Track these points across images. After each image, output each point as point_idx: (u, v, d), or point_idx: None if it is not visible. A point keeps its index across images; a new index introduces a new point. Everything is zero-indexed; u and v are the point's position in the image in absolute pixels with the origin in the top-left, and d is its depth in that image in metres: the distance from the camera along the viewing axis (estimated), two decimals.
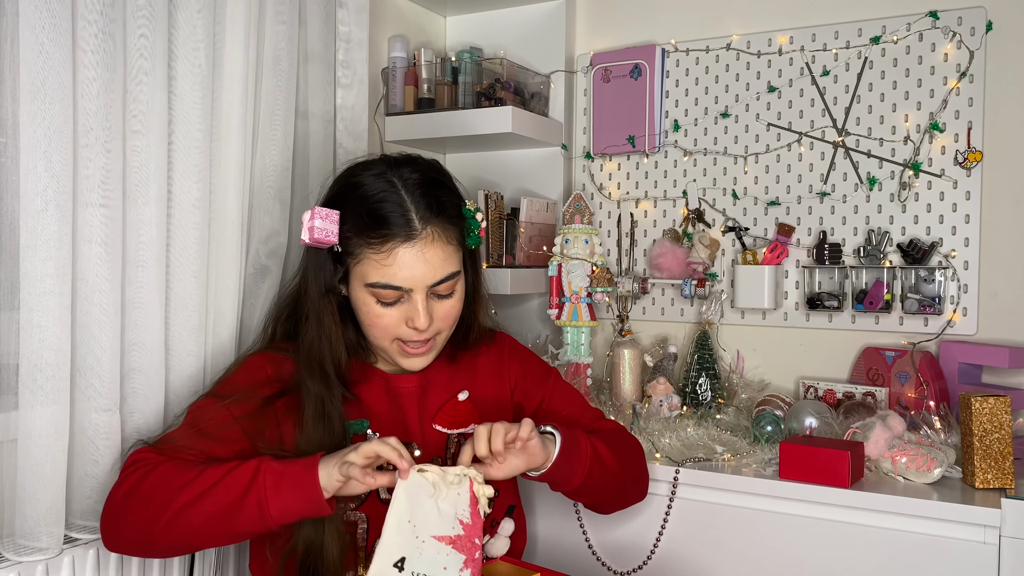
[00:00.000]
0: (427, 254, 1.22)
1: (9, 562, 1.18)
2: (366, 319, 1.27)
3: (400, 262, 1.21)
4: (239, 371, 1.29)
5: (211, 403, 1.25)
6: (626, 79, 2.14)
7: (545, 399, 1.46)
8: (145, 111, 1.32)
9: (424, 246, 1.22)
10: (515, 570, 1.29)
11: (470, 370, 1.41)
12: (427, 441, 1.33)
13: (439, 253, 1.23)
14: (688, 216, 2.08)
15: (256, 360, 1.30)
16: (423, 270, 1.22)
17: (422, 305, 1.24)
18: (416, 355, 1.29)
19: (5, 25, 1.16)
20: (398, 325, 1.25)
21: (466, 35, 2.28)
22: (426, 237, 1.22)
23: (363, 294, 1.25)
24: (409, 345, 1.27)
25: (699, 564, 1.57)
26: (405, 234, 1.21)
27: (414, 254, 1.21)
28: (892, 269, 1.85)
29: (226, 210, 1.47)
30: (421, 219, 1.22)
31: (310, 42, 1.71)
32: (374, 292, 1.23)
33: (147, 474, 1.14)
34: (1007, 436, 1.42)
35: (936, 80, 1.83)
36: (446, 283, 1.25)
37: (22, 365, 1.18)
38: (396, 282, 1.22)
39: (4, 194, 1.19)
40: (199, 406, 1.26)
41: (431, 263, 1.23)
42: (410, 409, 1.34)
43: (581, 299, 1.99)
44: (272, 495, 1.10)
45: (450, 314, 1.29)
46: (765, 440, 1.65)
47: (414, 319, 1.24)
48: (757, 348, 2.02)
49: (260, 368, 1.29)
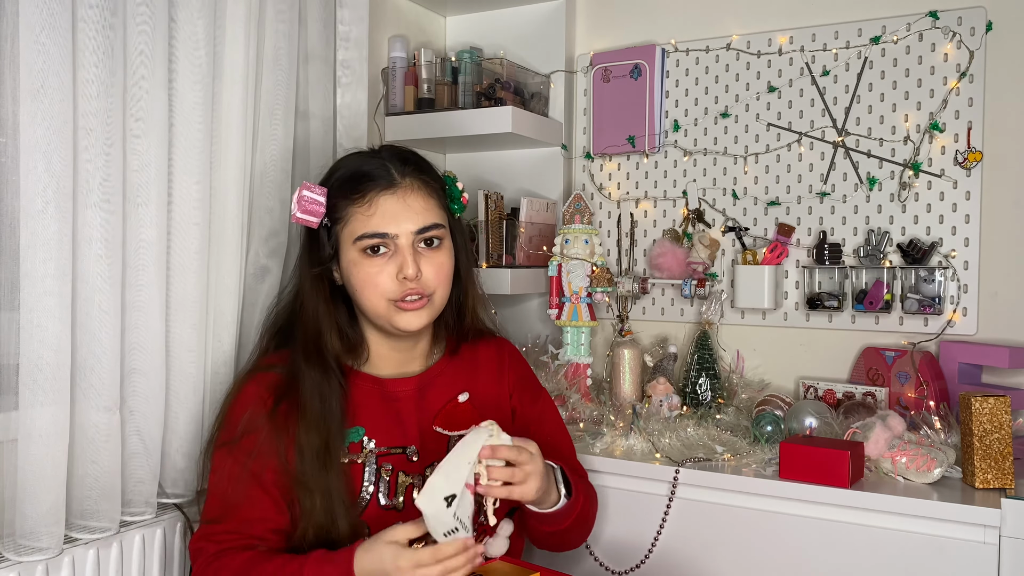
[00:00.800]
0: (408, 200, 1.27)
1: (9, 562, 1.18)
2: (358, 282, 1.28)
3: (382, 209, 1.26)
4: (235, 406, 1.30)
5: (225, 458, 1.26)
6: (626, 79, 2.14)
7: (538, 419, 1.47)
8: (145, 111, 1.32)
9: (404, 193, 1.28)
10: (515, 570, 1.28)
11: (471, 368, 1.42)
12: (426, 444, 1.33)
13: (420, 202, 1.28)
14: (688, 216, 2.08)
15: (247, 388, 1.30)
16: (406, 215, 1.26)
17: (409, 253, 1.26)
18: (411, 310, 1.28)
19: (5, 25, 1.16)
20: (390, 280, 1.26)
21: (466, 35, 2.28)
22: (407, 186, 1.28)
23: (353, 254, 1.27)
24: (404, 301, 1.27)
25: (698, 564, 1.57)
26: (386, 183, 1.27)
27: (395, 200, 1.27)
28: (892, 269, 1.85)
29: (226, 210, 1.47)
30: (399, 172, 1.29)
31: (310, 42, 1.71)
32: (362, 245, 1.26)
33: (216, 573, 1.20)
34: (1007, 436, 1.42)
35: (936, 80, 1.83)
36: (431, 231, 1.28)
37: (22, 365, 1.18)
38: (382, 228, 1.26)
39: (4, 194, 1.19)
40: (216, 464, 1.28)
41: (413, 208, 1.27)
42: (407, 413, 1.34)
43: (581, 299, 1.99)
44: None
45: (440, 271, 1.30)
46: (765, 440, 1.65)
47: (403, 267, 1.26)
48: (757, 348, 2.02)
49: (252, 394, 1.29)
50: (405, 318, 1.28)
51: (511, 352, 1.49)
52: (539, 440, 1.41)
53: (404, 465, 1.30)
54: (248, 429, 1.25)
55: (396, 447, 1.30)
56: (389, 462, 1.29)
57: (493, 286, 1.97)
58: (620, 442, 1.69)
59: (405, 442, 1.31)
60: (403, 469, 1.30)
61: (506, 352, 1.48)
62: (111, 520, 1.29)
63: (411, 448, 1.31)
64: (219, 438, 1.29)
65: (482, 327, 1.45)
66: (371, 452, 1.29)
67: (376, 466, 1.28)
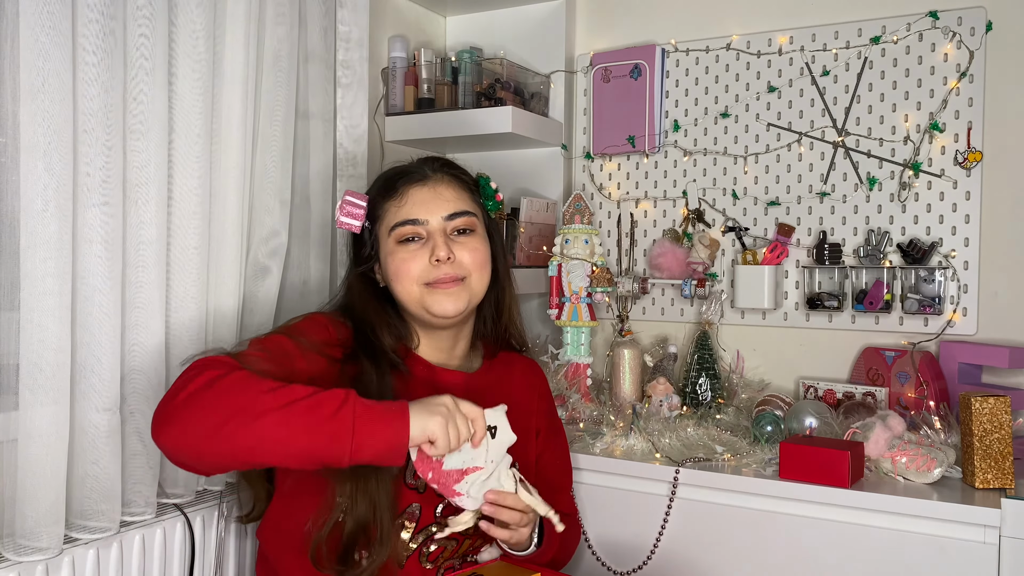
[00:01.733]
0: (439, 189, 1.32)
1: (9, 562, 1.18)
2: (393, 271, 1.30)
3: (413, 199, 1.31)
4: (305, 322, 1.28)
5: (283, 336, 1.22)
6: (626, 79, 2.14)
7: (551, 454, 1.51)
8: (145, 111, 1.32)
9: (435, 184, 1.33)
10: (515, 570, 1.29)
11: (507, 382, 1.44)
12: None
13: (451, 192, 1.33)
14: (688, 216, 2.08)
15: (321, 318, 1.30)
16: (437, 202, 1.31)
17: (441, 237, 1.30)
18: (445, 289, 1.29)
19: (5, 25, 1.16)
20: (423, 265, 1.29)
21: (466, 35, 2.28)
22: (437, 179, 1.34)
23: (389, 245, 1.31)
24: (437, 284, 1.29)
25: (699, 564, 1.57)
26: (418, 177, 1.33)
27: (426, 190, 1.32)
28: (892, 269, 1.85)
29: (226, 210, 1.47)
30: (429, 168, 1.35)
31: (310, 42, 1.71)
32: (396, 234, 1.30)
33: (225, 374, 1.07)
34: (1007, 436, 1.42)
35: (936, 80, 1.83)
36: (461, 218, 1.32)
37: (22, 365, 1.18)
38: (412, 215, 1.30)
39: (4, 194, 1.19)
40: (271, 336, 1.22)
41: (443, 196, 1.32)
42: None
43: (581, 299, 1.99)
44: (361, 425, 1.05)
45: (475, 254, 1.32)
46: (765, 440, 1.65)
47: (435, 250, 1.28)
48: (757, 348, 2.02)
49: (325, 327, 1.28)
50: (439, 300, 1.29)
51: (543, 379, 1.54)
52: (544, 473, 1.47)
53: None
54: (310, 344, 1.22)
55: None
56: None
57: None
58: (620, 442, 1.69)
59: None
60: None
61: (540, 377, 1.53)
62: (111, 520, 1.29)
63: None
64: (278, 329, 1.27)
65: (520, 334, 1.47)
66: None
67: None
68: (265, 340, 1.22)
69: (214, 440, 1.03)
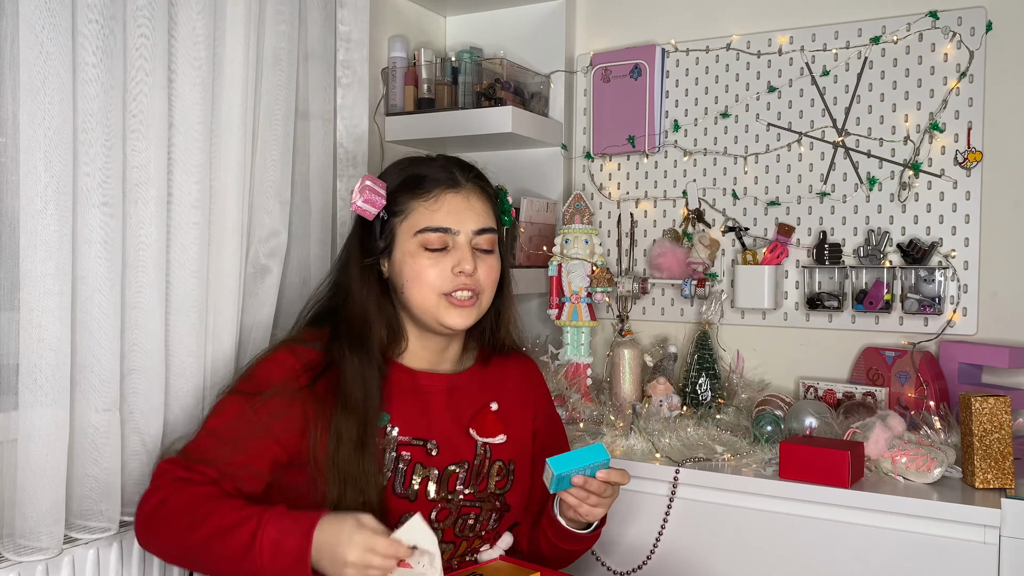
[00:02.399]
0: (471, 200, 1.32)
1: (9, 562, 1.18)
2: (412, 275, 1.29)
3: (448, 205, 1.30)
4: (265, 365, 1.28)
5: (238, 404, 1.24)
6: (626, 79, 2.14)
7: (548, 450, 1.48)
8: (145, 111, 1.32)
9: (468, 194, 1.33)
10: (515, 570, 1.29)
11: (499, 380, 1.43)
12: (452, 443, 1.33)
13: (482, 204, 1.34)
14: (688, 216, 2.08)
15: (282, 355, 1.29)
16: (469, 214, 1.31)
17: (468, 250, 1.30)
18: (462, 307, 1.30)
19: (5, 25, 1.16)
20: (444, 274, 1.29)
21: (466, 35, 2.28)
22: (470, 188, 1.33)
23: (410, 246, 1.30)
24: (455, 298, 1.29)
25: (699, 564, 1.57)
26: (451, 182, 1.32)
27: (460, 199, 1.31)
28: (892, 269, 1.85)
29: (226, 210, 1.47)
30: (463, 176, 1.34)
31: (310, 42, 1.71)
32: (423, 239, 1.29)
33: (171, 495, 1.17)
34: (1007, 436, 1.42)
35: (936, 80, 1.83)
36: (487, 235, 1.33)
37: (22, 365, 1.18)
38: (446, 223, 1.29)
39: (4, 194, 1.19)
40: (226, 407, 1.25)
41: (475, 209, 1.32)
42: (435, 408, 1.34)
43: (581, 299, 1.99)
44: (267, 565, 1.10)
45: (491, 273, 1.33)
46: (765, 440, 1.65)
47: (461, 262, 1.29)
48: (757, 348, 2.02)
49: (286, 363, 1.27)
50: (453, 315, 1.30)
51: (539, 376, 1.53)
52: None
53: (422, 457, 1.30)
54: (271, 396, 1.23)
55: (418, 439, 1.30)
56: (408, 452, 1.29)
57: None
58: (620, 442, 1.69)
59: (428, 436, 1.31)
60: (421, 461, 1.30)
61: (536, 376, 1.51)
62: (111, 520, 1.29)
63: (432, 443, 1.31)
64: (238, 386, 1.28)
65: (513, 344, 1.47)
66: (393, 440, 1.29)
67: (396, 454, 1.28)
68: (220, 415, 1.25)
69: (179, 558, 1.20)
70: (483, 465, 1.34)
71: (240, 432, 1.22)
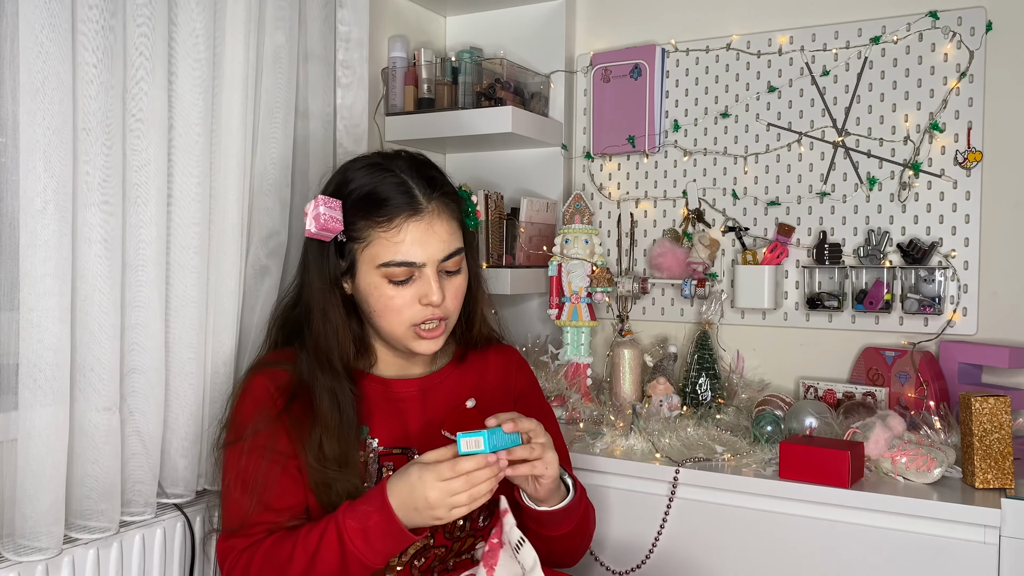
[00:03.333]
0: (435, 227, 1.25)
1: (9, 562, 1.18)
2: (377, 305, 1.26)
3: (411, 237, 1.23)
4: (244, 401, 1.28)
5: (238, 454, 1.24)
6: (626, 79, 2.14)
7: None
8: (145, 111, 1.32)
9: (431, 219, 1.24)
10: None
11: (479, 374, 1.42)
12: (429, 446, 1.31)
13: (446, 227, 1.26)
14: (688, 216, 2.07)
15: (256, 382, 1.29)
16: (434, 243, 1.24)
17: (435, 280, 1.25)
18: (430, 338, 1.28)
19: (5, 25, 1.16)
20: (411, 305, 1.25)
21: (466, 35, 2.28)
22: (432, 211, 1.25)
23: (374, 278, 1.25)
24: (423, 328, 1.27)
25: (698, 564, 1.57)
26: (412, 209, 1.23)
27: (423, 227, 1.24)
28: (892, 269, 1.85)
29: (226, 210, 1.47)
30: (424, 195, 1.25)
31: (310, 42, 1.71)
32: (387, 272, 1.24)
33: (247, 564, 1.19)
34: (1007, 436, 1.42)
35: (936, 80, 1.83)
36: (454, 258, 1.27)
37: (22, 365, 1.18)
38: (410, 258, 1.23)
39: (4, 194, 1.18)
40: (231, 464, 1.25)
41: (440, 236, 1.25)
42: (411, 414, 1.34)
43: (581, 299, 1.99)
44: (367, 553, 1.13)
45: (459, 292, 1.31)
46: (765, 440, 1.65)
47: (428, 295, 1.25)
48: (757, 348, 2.02)
49: (260, 388, 1.28)
50: (423, 344, 1.29)
51: (519, 362, 1.50)
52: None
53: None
54: (259, 427, 1.24)
55: (398, 447, 1.31)
56: (391, 461, 1.29)
57: (493, 286, 1.97)
58: (620, 442, 1.69)
59: (407, 443, 1.31)
60: None
61: (515, 361, 1.49)
62: (111, 520, 1.29)
63: (412, 450, 1.31)
64: (228, 436, 1.28)
65: (490, 334, 1.45)
66: (374, 451, 1.29)
67: (378, 465, 1.29)
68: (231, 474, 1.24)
69: None
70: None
71: (257, 477, 1.22)
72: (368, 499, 1.15)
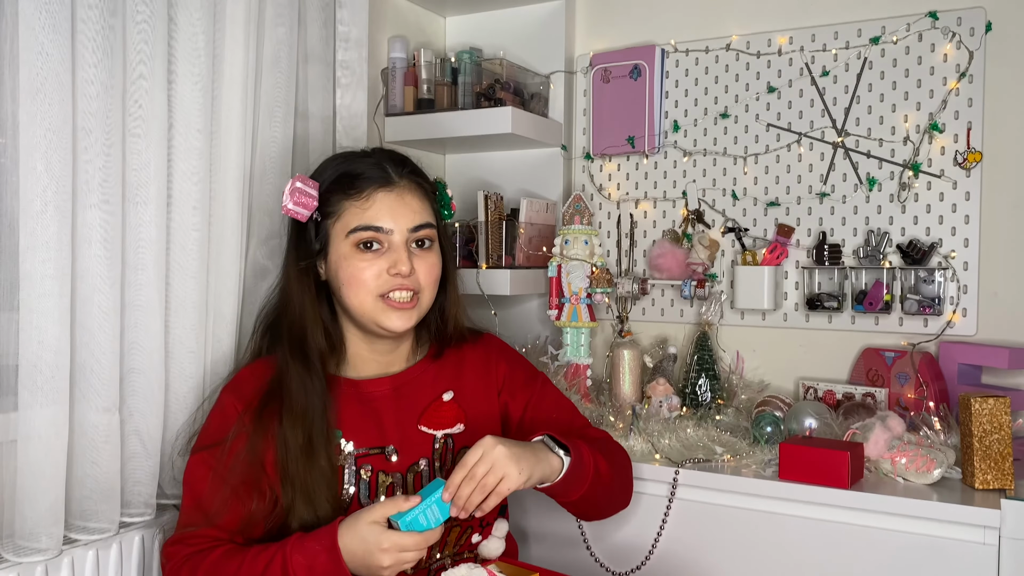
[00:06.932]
0: (405, 198, 1.29)
1: (9, 562, 1.18)
2: (346, 277, 1.27)
3: (380, 204, 1.27)
4: (213, 416, 1.30)
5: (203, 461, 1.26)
6: (626, 79, 2.14)
7: (532, 401, 1.45)
8: (145, 112, 1.32)
9: (402, 191, 1.29)
10: (514, 570, 1.28)
11: (456, 368, 1.41)
12: (406, 443, 1.33)
13: (416, 200, 1.31)
14: (688, 217, 2.07)
15: (223, 400, 1.30)
16: (403, 211, 1.28)
17: (403, 250, 1.27)
18: (400, 310, 1.28)
19: (5, 25, 1.16)
20: (380, 275, 1.27)
21: (466, 35, 2.28)
22: (403, 185, 1.30)
23: (345, 247, 1.27)
24: (393, 299, 1.27)
25: (698, 565, 1.57)
26: (383, 180, 1.29)
27: (393, 197, 1.28)
28: (892, 270, 1.85)
29: (226, 211, 1.47)
30: (396, 172, 1.31)
31: (310, 42, 1.71)
32: (356, 238, 1.27)
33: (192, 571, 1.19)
34: (1007, 437, 1.42)
35: (936, 80, 1.83)
36: (425, 230, 1.30)
37: (22, 366, 1.18)
38: (377, 222, 1.27)
39: (4, 195, 1.19)
40: (195, 470, 1.27)
41: (410, 206, 1.29)
42: (384, 413, 1.33)
43: (581, 300, 1.99)
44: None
45: (431, 271, 1.31)
46: (765, 441, 1.65)
47: (397, 263, 1.26)
48: (757, 349, 2.02)
49: (229, 407, 1.29)
50: (392, 318, 1.28)
51: (499, 347, 1.48)
52: (540, 420, 1.41)
53: (383, 465, 1.30)
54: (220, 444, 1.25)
55: (374, 448, 1.31)
56: (368, 463, 1.29)
57: (493, 287, 1.97)
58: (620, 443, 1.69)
59: (383, 442, 1.31)
60: (383, 469, 1.30)
61: (493, 348, 1.47)
62: (110, 521, 1.29)
63: (389, 448, 1.31)
64: (195, 444, 1.30)
65: (464, 329, 1.44)
66: (350, 454, 1.29)
67: (356, 468, 1.29)
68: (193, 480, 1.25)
69: None
70: (445, 458, 1.34)
71: (218, 486, 1.23)
72: (318, 537, 1.15)
